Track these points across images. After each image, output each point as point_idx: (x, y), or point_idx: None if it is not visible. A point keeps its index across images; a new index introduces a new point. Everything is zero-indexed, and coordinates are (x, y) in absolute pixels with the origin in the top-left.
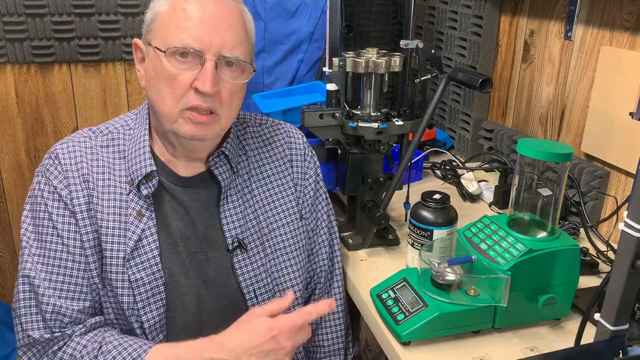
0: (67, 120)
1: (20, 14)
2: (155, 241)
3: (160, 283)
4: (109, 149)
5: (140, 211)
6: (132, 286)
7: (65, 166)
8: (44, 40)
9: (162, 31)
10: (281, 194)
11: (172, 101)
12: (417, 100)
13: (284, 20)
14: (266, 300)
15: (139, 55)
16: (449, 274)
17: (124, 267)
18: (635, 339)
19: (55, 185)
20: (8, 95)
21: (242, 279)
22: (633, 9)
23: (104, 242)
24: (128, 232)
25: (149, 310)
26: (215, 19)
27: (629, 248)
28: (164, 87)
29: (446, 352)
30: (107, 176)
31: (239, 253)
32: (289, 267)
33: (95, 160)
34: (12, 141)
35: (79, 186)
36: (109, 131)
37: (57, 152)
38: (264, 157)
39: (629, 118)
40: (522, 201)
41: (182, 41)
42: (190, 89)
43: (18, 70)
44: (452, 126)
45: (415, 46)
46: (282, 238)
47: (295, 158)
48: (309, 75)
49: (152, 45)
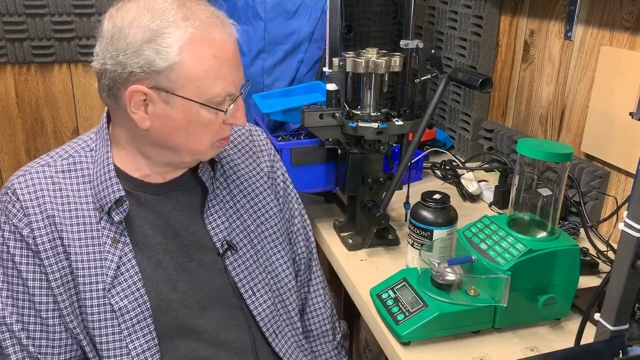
0: (67, 120)
1: (20, 14)
2: (134, 266)
3: (145, 308)
4: (70, 174)
5: (114, 237)
6: (115, 315)
7: (25, 203)
8: (44, 40)
9: (195, 82)
10: (258, 189)
11: (209, 140)
12: (417, 100)
13: (284, 20)
14: (264, 295)
15: (137, 98)
16: (449, 274)
17: (104, 298)
18: (635, 339)
19: (16, 225)
20: (8, 95)
21: (237, 279)
22: (633, 9)
23: (80, 275)
24: (106, 261)
25: (136, 337)
26: (235, 56)
27: (629, 248)
28: (200, 131)
29: (446, 352)
30: (74, 206)
31: (230, 255)
32: (280, 259)
33: (57, 190)
34: (12, 141)
35: (41, 223)
36: (68, 155)
37: (15, 188)
38: (234, 159)
39: (629, 118)
40: (522, 201)
41: (223, 91)
42: (223, 124)
43: (18, 70)
44: (452, 126)
45: (415, 46)
46: (269, 232)
47: (261, 155)
48: (309, 75)
49: (181, 95)
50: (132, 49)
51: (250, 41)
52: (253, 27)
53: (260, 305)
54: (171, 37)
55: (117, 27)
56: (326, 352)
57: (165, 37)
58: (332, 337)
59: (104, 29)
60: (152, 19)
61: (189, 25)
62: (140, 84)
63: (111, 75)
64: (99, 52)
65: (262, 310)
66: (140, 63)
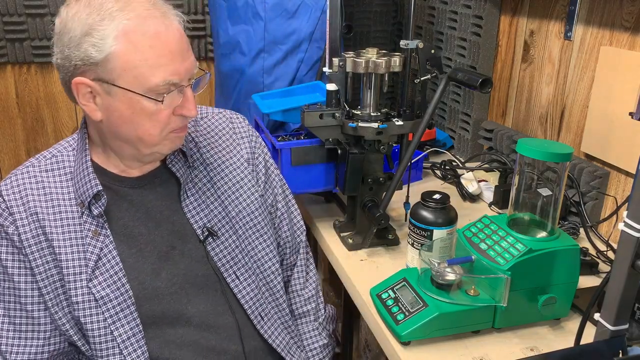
0: (67, 120)
1: (20, 14)
2: (115, 257)
3: (127, 297)
4: (53, 173)
5: (95, 230)
6: (98, 304)
7: (10, 202)
8: (44, 40)
9: (131, 72)
10: (239, 176)
11: (158, 132)
12: (417, 100)
13: (284, 20)
14: (248, 279)
15: (83, 90)
16: (449, 274)
17: (87, 288)
18: (635, 339)
19: (1, 223)
20: (8, 95)
21: (220, 264)
22: (633, 9)
23: (64, 267)
24: (87, 253)
25: (120, 325)
26: (178, 46)
27: (628, 248)
28: (146, 122)
29: (446, 352)
30: (56, 202)
31: (211, 241)
32: (262, 242)
33: (41, 189)
34: (12, 141)
35: (25, 220)
36: (52, 155)
37: (1, 190)
38: (214, 147)
39: (629, 118)
40: (522, 201)
41: (162, 80)
42: (173, 115)
43: (18, 70)
44: (452, 126)
45: (415, 46)
46: (250, 217)
47: (242, 142)
48: (309, 75)
49: (120, 86)
50: (73, 43)
51: (250, 41)
52: (253, 27)
53: (245, 288)
54: (106, 29)
55: (63, 23)
56: (307, 331)
57: (100, 29)
58: (313, 317)
59: (55, 25)
60: (90, 13)
61: (124, 16)
62: (84, 76)
63: (62, 69)
64: (54, 48)
65: (246, 293)
66: (80, 56)
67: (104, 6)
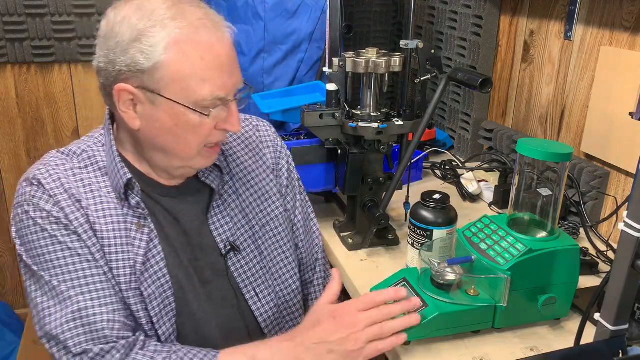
0: (67, 120)
1: (20, 14)
2: (160, 252)
3: (169, 294)
4: (88, 169)
5: (139, 223)
6: (144, 301)
7: (52, 190)
8: (44, 40)
9: (179, 84)
10: (264, 188)
11: (197, 145)
12: (417, 100)
13: (284, 20)
14: (267, 297)
15: (125, 97)
16: (449, 274)
17: (135, 283)
18: (635, 339)
19: (48, 210)
20: (8, 95)
21: (239, 280)
22: (633, 9)
23: (111, 260)
24: (134, 247)
25: (163, 323)
26: (228, 60)
27: (628, 248)
28: (188, 135)
29: (446, 352)
30: (97, 193)
31: (232, 256)
32: (284, 259)
33: (80, 180)
34: (12, 141)
35: (72, 207)
36: (82, 150)
37: (38, 178)
38: (241, 156)
39: (629, 118)
40: (522, 201)
41: (210, 94)
42: (214, 129)
43: (18, 70)
44: (452, 126)
45: (415, 46)
46: (274, 233)
47: (267, 151)
48: (309, 75)
49: (166, 97)
50: (120, 48)
51: (250, 41)
52: (253, 27)
53: (263, 307)
54: (157, 36)
55: (110, 26)
56: None
57: (151, 36)
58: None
59: (101, 28)
60: (140, 18)
61: (176, 25)
62: (127, 83)
63: (104, 73)
64: (97, 50)
65: (264, 312)
66: (127, 62)
67: (156, 12)
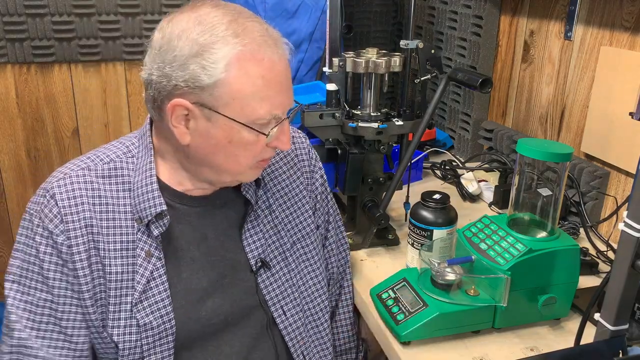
0: (67, 120)
1: (20, 14)
2: (164, 282)
3: (168, 326)
4: (110, 180)
5: (149, 251)
6: (139, 330)
7: (64, 209)
8: (44, 40)
9: (239, 102)
10: (297, 204)
11: (249, 162)
12: (417, 100)
13: (284, 20)
14: (295, 316)
15: (179, 112)
16: (449, 274)
17: (131, 312)
18: (635, 339)
19: (51, 230)
20: (8, 95)
21: (268, 297)
22: (633, 9)
23: (111, 288)
24: (137, 275)
25: (154, 352)
26: (285, 79)
27: (628, 248)
28: (241, 152)
29: (446, 352)
30: (112, 215)
31: (262, 273)
32: (313, 277)
33: (97, 197)
34: (12, 141)
35: (79, 232)
36: (110, 159)
37: (54, 192)
38: (275, 169)
39: (629, 118)
40: (522, 201)
41: (268, 113)
42: (267, 146)
43: (18, 70)
44: (452, 126)
45: (415, 46)
46: (305, 250)
47: (302, 165)
48: (309, 75)
49: (223, 114)
50: (178, 62)
51: None
52: None
53: (290, 325)
54: (219, 53)
55: (166, 39)
56: None
57: (213, 52)
58: (354, 355)
59: (154, 39)
60: (201, 33)
61: (239, 42)
62: (184, 98)
63: (156, 86)
64: (147, 62)
65: (291, 330)
66: (185, 77)
67: (218, 28)
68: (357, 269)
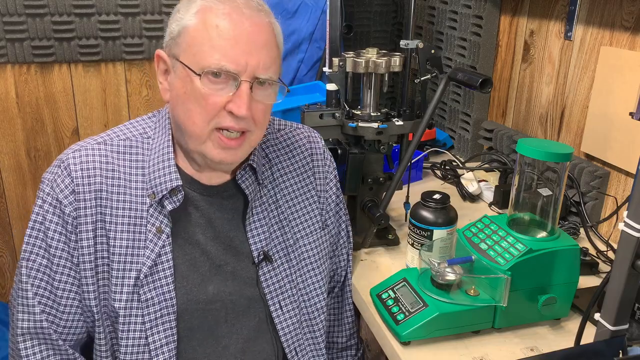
0: (67, 120)
1: (20, 14)
2: (169, 260)
3: (170, 304)
4: (125, 157)
5: (160, 227)
6: (141, 306)
7: (76, 180)
8: (44, 40)
9: (192, 49)
10: (304, 202)
11: (202, 122)
12: (417, 100)
13: (284, 20)
14: (291, 312)
15: (161, 66)
16: (449, 274)
17: (135, 287)
18: (635, 339)
19: (60, 200)
20: (8, 95)
21: (267, 290)
22: (633, 9)
23: (116, 261)
24: (146, 250)
25: (157, 331)
26: (250, 38)
27: (629, 248)
28: (194, 106)
29: (446, 352)
30: (123, 190)
31: (264, 265)
32: (313, 276)
33: (110, 171)
34: (12, 141)
35: (88, 203)
36: (126, 137)
37: (69, 162)
38: (286, 166)
39: (629, 118)
40: (522, 201)
41: (217, 62)
42: (222, 109)
43: (18, 70)
44: (452, 126)
45: (415, 46)
46: (307, 248)
47: (316, 164)
48: (309, 75)
49: (181, 61)
50: (172, 18)
51: None
52: None
53: (285, 320)
54: (192, 5)
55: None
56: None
57: (189, 5)
58: (354, 351)
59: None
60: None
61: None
62: (164, 50)
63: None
64: None
65: (285, 325)
66: (169, 30)
67: None
68: (357, 269)
